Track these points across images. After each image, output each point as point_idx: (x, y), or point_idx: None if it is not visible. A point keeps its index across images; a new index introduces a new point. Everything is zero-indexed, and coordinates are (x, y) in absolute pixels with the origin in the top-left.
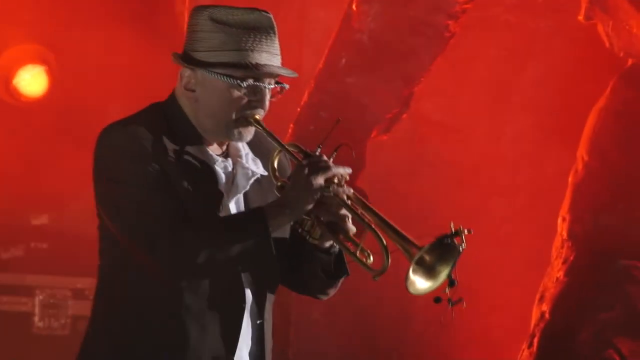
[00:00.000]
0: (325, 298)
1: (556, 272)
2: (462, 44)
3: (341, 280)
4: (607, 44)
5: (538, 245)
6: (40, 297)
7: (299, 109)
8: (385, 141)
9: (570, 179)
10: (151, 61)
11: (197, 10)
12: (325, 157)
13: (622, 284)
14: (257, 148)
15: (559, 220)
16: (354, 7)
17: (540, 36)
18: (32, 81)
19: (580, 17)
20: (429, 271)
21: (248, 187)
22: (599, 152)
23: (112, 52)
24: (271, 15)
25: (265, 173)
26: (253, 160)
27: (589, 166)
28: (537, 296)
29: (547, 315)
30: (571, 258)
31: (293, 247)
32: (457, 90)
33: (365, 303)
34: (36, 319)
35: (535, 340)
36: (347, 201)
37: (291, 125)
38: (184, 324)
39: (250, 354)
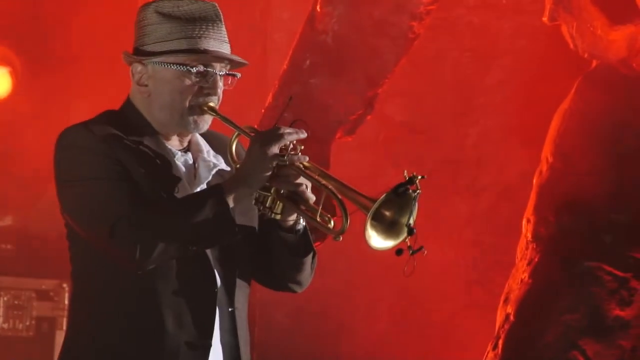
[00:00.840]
0: (299, 289)
1: (521, 273)
2: (426, 45)
3: (310, 264)
4: (572, 45)
5: (503, 247)
6: (5, 298)
7: (262, 111)
8: (349, 142)
9: (534, 180)
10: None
11: (144, 6)
12: (277, 127)
13: (587, 285)
14: (219, 146)
15: (524, 222)
16: (317, 8)
17: (504, 37)
18: None
19: (544, 18)
20: (391, 226)
21: (210, 177)
22: (563, 153)
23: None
24: (216, 4)
25: (227, 168)
26: (214, 156)
27: (553, 167)
28: (502, 298)
29: (511, 317)
30: (536, 259)
31: (261, 235)
32: (421, 92)
33: (330, 303)
34: (0, 320)
35: (500, 342)
36: (303, 169)
37: (255, 127)
38: (158, 311)
39: (223, 344)
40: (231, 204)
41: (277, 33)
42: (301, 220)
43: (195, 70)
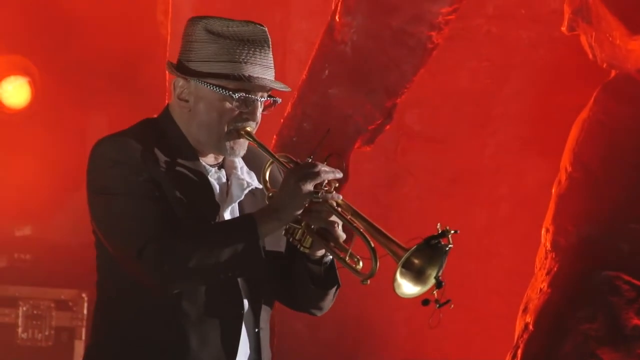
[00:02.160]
0: (319, 313)
1: (540, 283)
2: (445, 55)
3: (334, 293)
4: (590, 55)
5: (521, 256)
6: (24, 308)
7: (282, 120)
8: (368, 152)
9: (553, 190)
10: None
11: (193, 20)
12: (314, 163)
13: (605, 295)
14: (252, 162)
15: (543, 231)
16: (336, 18)
17: (522, 47)
18: (14, 93)
19: (563, 28)
20: (418, 275)
21: (242, 197)
22: (581, 163)
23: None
24: (266, 29)
25: (260, 186)
26: (248, 173)
27: (572, 177)
28: (521, 307)
29: (530, 327)
30: (555, 269)
31: (287, 260)
32: (439, 101)
33: (348, 314)
34: (20, 330)
35: (519, 351)
36: (336, 207)
37: (274, 137)
38: (183, 331)
39: None
40: (261, 237)
41: (297, 43)
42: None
43: (237, 96)
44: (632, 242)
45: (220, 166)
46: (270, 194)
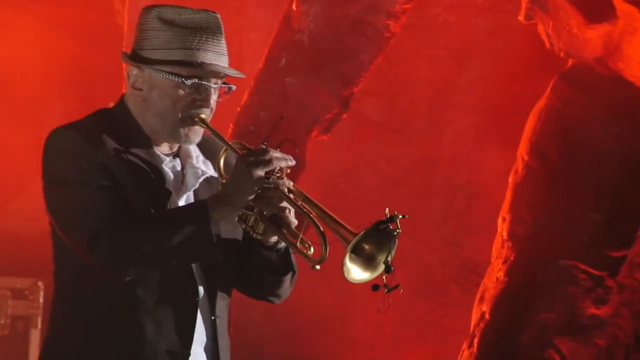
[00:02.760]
0: (277, 300)
1: (496, 272)
2: (402, 44)
3: (290, 280)
4: (548, 44)
5: (478, 245)
6: None
7: (238, 109)
8: (325, 142)
9: (510, 179)
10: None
11: (146, 9)
12: (266, 149)
13: (562, 284)
14: (208, 151)
15: (499, 220)
16: (293, 7)
17: (480, 36)
18: None
19: (521, 17)
20: (368, 260)
21: (197, 185)
22: (538, 152)
23: (48, 50)
24: (218, 15)
25: (216, 175)
26: (204, 162)
27: (529, 166)
28: (478, 296)
29: (487, 316)
30: (511, 258)
31: (244, 248)
32: (396, 91)
33: (304, 304)
34: None
35: (476, 340)
36: (287, 193)
37: (231, 126)
38: (138, 318)
39: (205, 350)
40: (213, 223)
41: (254, 32)
42: None
43: (189, 83)
44: (589, 231)
45: (176, 155)
46: (224, 181)
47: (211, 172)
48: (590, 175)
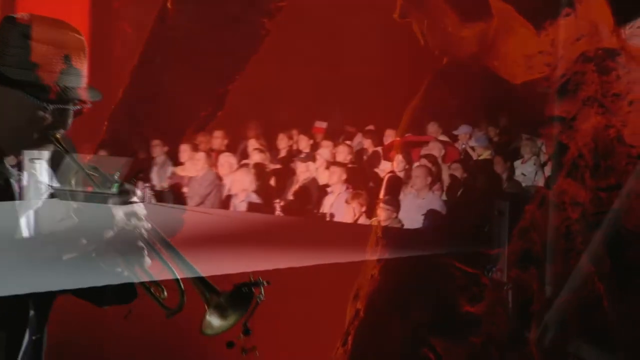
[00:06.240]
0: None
1: (371, 270)
2: (277, 42)
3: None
4: (422, 42)
5: (352, 243)
6: None
7: (112, 107)
8: None
9: (385, 178)
10: None
11: (10, 21)
12: (127, 188)
13: (437, 282)
14: (53, 159)
15: (374, 219)
16: (168, 4)
17: (355, 34)
18: None
19: (395, 15)
20: (223, 312)
21: (40, 203)
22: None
23: None
24: (83, 37)
25: (59, 185)
26: (47, 170)
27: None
28: (352, 294)
29: (361, 313)
30: (386, 256)
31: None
32: (272, 89)
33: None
34: None
35: (350, 338)
36: (144, 235)
37: (105, 123)
38: None
39: None
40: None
41: (127, 29)
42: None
43: (51, 108)
44: (464, 229)
45: (20, 166)
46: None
47: (54, 183)
48: (465, 176)
